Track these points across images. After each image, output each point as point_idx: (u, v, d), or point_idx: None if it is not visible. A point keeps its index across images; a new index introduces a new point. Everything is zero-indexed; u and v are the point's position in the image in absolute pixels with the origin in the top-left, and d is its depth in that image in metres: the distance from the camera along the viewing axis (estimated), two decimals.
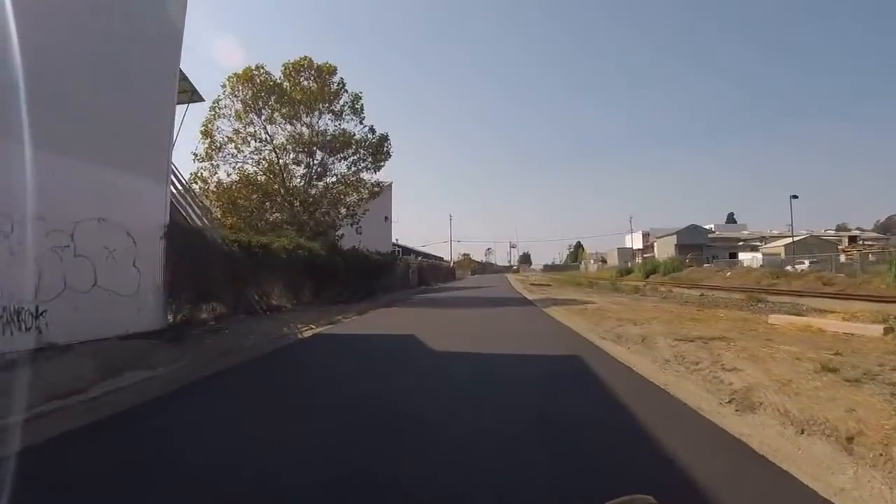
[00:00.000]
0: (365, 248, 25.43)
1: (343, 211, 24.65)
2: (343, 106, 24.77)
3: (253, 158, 23.51)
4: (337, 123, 24.67)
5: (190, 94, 15.90)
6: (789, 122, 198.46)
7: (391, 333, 11.33)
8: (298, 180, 24.08)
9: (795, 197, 56.61)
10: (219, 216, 22.69)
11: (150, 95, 11.16)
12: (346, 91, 24.88)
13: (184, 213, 15.17)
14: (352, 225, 25.32)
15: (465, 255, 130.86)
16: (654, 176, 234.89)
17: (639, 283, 37.52)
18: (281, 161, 23.72)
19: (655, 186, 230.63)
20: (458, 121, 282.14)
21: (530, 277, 69.82)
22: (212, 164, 22.97)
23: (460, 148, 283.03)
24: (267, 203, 23.68)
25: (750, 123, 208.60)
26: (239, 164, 23.32)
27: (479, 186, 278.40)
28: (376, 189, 25.64)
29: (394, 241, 59.17)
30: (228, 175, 23.22)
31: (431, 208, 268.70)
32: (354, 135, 24.66)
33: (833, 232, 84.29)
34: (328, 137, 24.08)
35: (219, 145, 23.02)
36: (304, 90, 23.81)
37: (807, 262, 43.51)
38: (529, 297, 23.63)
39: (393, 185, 42.44)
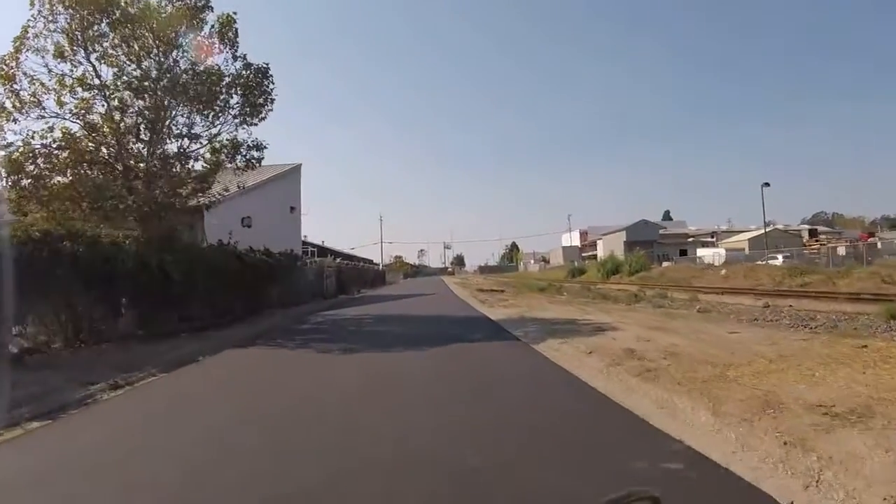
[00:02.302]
0: (233, 245, 16.53)
1: (189, 188, 15.48)
2: (211, 31, 15.72)
3: (79, 112, 14.14)
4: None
5: None
6: (714, 127, 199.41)
7: None
8: (133, 140, 14.78)
9: (767, 184, 50.95)
10: (12, 197, 13.35)
11: None
12: (211, 9, 15.85)
13: None
14: (207, 207, 16.39)
15: (397, 257, 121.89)
16: (584, 177, 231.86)
17: (624, 286, 29.83)
18: (117, 116, 14.43)
19: (586, 188, 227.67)
20: (384, 122, 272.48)
21: (470, 280, 61.67)
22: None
23: (389, 150, 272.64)
24: (100, 178, 14.40)
25: (674, 127, 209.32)
26: (59, 122, 13.99)
27: (411, 188, 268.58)
28: (255, 154, 16.60)
29: (313, 240, 49.89)
30: (44, 137, 13.71)
31: (362, 210, 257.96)
32: (219, 68, 15.68)
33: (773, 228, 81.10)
34: (184, 77, 14.93)
35: (22, 95, 13.62)
36: (147, 6, 14.63)
37: (780, 258, 38.86)
38: (492, 315, 15.25)
39: (303, 168, 33.08)
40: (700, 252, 59.90)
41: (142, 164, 14.25)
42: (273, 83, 16.16)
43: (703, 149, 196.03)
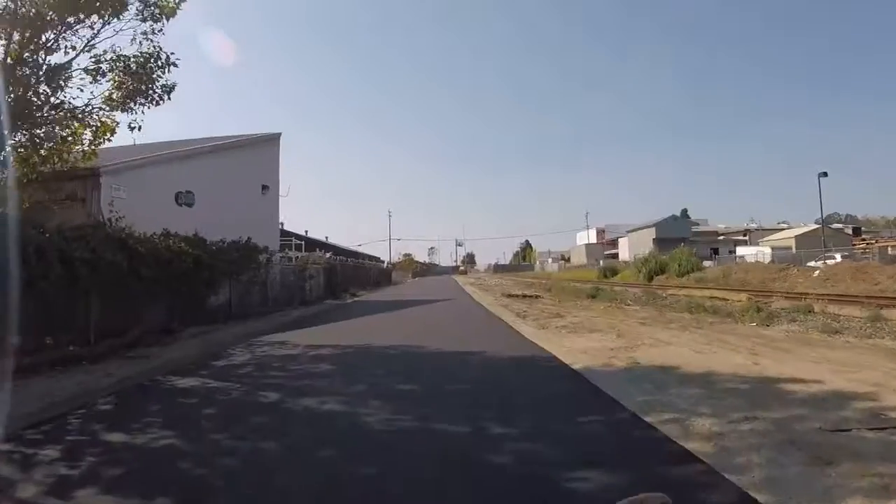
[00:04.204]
0: (117, 224, 9.84)
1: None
2: None
3: None
4: None
5: None
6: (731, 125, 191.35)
7: None
8: None
9: (825, 174, 44.87)
10: None
11: None
12: None
13: None
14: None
15: (406, 255, 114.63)
16: (596, 174, 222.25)
17: (711, 292, 22.52)
18: None
19: (597, 186, 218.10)
20: (402, 118, 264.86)
21: (487, 281, 54.40)
22: None
23: (402, 144, 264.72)
24: None
25: (688, 125, 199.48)
26: None
27: (422, 184, 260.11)
28: (159, 77, 9.93)
29: (317, 235, 43.03)
30: None
31: (372, 207, 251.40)
32: None
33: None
34: None
35: None
36: None
37: (838, 256, 34.42)
38: (564, 354, 8.08)
39: (282, 139, 26.06)
40: (741, 251, 53.47)
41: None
42: None
43: (714, 147, 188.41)
